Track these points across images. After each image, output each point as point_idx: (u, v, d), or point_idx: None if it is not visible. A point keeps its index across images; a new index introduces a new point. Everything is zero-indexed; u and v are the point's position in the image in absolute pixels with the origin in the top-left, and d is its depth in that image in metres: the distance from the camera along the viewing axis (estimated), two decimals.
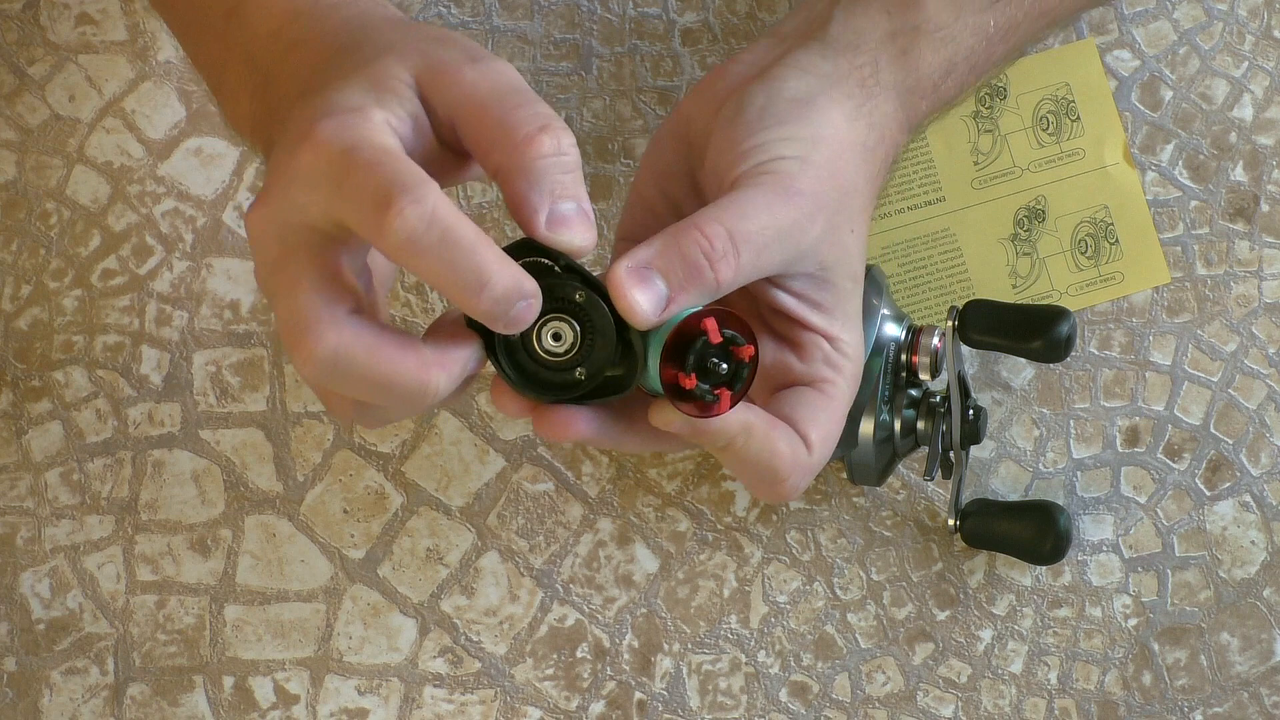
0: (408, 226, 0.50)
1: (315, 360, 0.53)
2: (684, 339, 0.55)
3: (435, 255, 0.51)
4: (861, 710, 0.88)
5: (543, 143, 0.54)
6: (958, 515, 0.87)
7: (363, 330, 0.53)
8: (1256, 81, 0.92)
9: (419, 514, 0.89)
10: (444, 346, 0.55)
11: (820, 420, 0.62)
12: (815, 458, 0.62)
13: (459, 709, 0.89)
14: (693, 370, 0.55)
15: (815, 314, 0.63)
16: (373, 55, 0.57)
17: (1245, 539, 0.89)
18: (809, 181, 0.61)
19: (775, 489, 0.61)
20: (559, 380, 0.56)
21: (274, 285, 0.55)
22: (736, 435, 0.58)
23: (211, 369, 0.90)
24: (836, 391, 0.63)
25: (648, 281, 0.55)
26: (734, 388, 0.56)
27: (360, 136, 0.52)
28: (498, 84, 0.55)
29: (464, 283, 0.51)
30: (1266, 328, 0.91)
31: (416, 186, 0.51)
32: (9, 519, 0.89)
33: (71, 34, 0.92)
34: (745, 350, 0.55)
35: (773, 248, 0.59)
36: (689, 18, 0.92)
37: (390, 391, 0.54)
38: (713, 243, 0.57)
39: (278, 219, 0.54)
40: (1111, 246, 0.91)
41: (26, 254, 0.91)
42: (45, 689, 0.89)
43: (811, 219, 0.60)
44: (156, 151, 0.91)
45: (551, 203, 0.54)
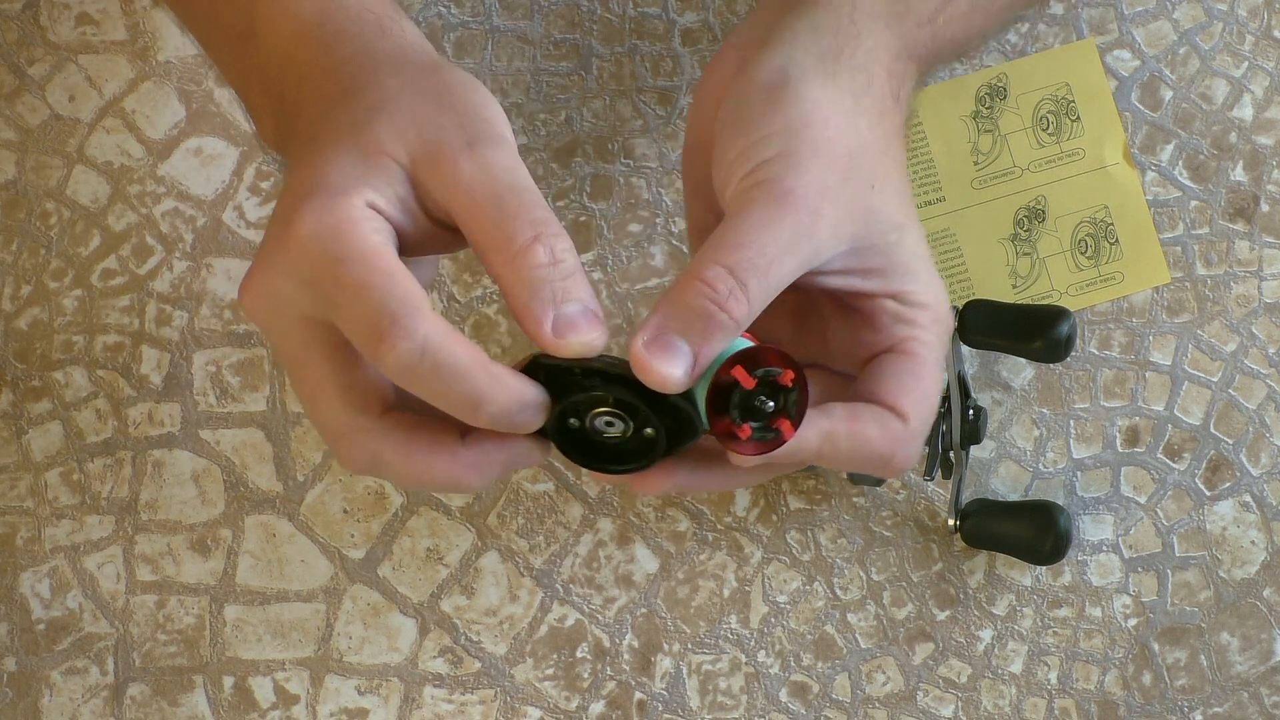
0: (400, 363, 0.51)
1: (354, 465, 0.56)
2: (720, 393, 0.54)
3: (430, 383, 0.52)
4: (861, 710, 0.88)
5: (537, 254, 0.54)
6: (958, 515, 0.87)
7: (395, 437, 0.54)
8: (1256, 81, 0.92)
9: (419, 514, 0.89)
10: (484, 448, 0.55)
11: (908, 384, 0.59)
12: (914, 424, 0.59)
13: (459, 709, 0.88)
14: (742, 420, 0.54)
15: (867, 281, 0.60)
16: (367, 115, 0.56)
17: (1245, 539, 0.89)
18: (797, 177, 0.59)
19: (887, 469, 0.59)
20: (636, 448, 0.56)
21: (298, 386, 0.56)
22: (821, 447, 0.57)
23: (211, 369, 0.90)
24: (918, 346, 0.60)
25: (668, 348, 0.55)
26: (791, 416, 0.55)
27: (346, 243, 0.52)
28: (494, 182, 0.55)
29: (461, 404, 0.52)
30: (1266, 328, 0.91)
31: (407, 317, 0.51)
32: (9, 519, 0.89)
33: (71, 34, 0.92)
34: (785, 378, 0.54)
35: (780, 262, 0.57)
36: (689, 18, 0.92)
37: (425, 488, 0.56)
38: (715, 286, 0.56)
39: (276, 310, 0.54)
40: (1111, 246, 0.91)
41: (26, 254, 0.91)
42: (45, 689, 0.89)
43: (814, 216, 0.58)
44: (156, 151, 0.91)
45: (554, 309, 0.54)
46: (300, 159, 0.57)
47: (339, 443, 0.55)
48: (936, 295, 0.61)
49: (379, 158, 0.55)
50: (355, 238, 0.53)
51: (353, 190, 0.54)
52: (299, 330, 0.54)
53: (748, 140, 0.60)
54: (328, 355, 0.54)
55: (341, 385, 0.55)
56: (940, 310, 0.61)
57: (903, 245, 0.60)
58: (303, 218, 0.53)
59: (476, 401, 0.52)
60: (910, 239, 0.61)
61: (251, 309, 0.56)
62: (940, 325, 0.61)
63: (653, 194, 0.91)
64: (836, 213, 0.58)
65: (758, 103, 0.61)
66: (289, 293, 0.54)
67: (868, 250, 0.59)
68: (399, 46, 0.61)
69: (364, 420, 0.54)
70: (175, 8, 0.75)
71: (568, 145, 0.91)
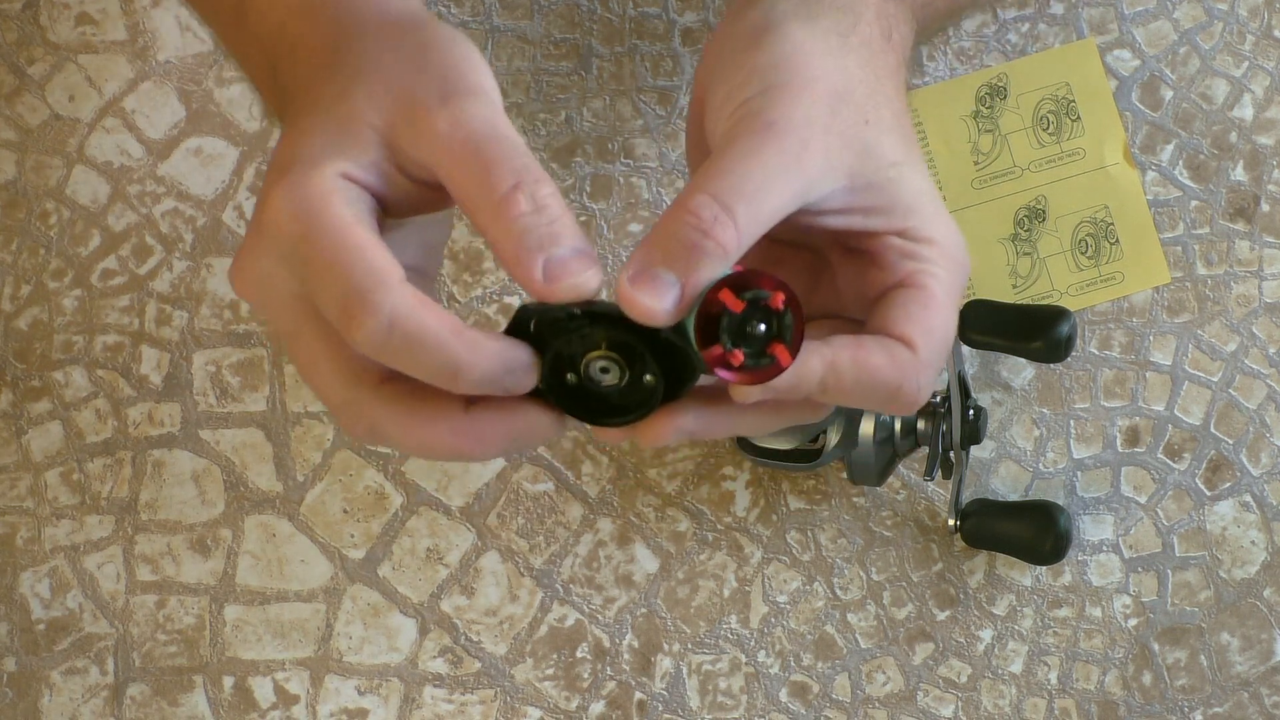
0: (370, 340, 0.50)
1: (356, 433, 0.54)
2: (709, 320, 0.52)
3: (403, 357, 0.51)
4: (861, 710, 0.88)
5: (518, 202, 0.52)
6: (958, 515, 0.87)
7: (392, 407, 0.53)
8: (1257, 81, 0.92)
9: (419, 514, 0.89)
10: (488, 418, 0.54)
11: (916, 315, 0.56)
12: (923, 354, 0.56)
13: (459, 709, 0.88)
14: (733, 345, 0.52)
15: (869, 219, 0.57)
16: (346, 84, 0.55)
17: (1245, 539, 0.89)
18: (781, 109, 0.56)
19: (896, 402, 0.56)
20: (637, 397, 0.54)
21: (294, 360, 0.55)
22: (825, 377, 0.54)
23: (211, 369, 0.90)
24: (926, 279, 0.57)
25: (654, 280, 0.53)
26: (786, 340, 0.52)
27: (315, 218, 0.52)
28: (471, 134, 0.53)
29: (439, 375, 0.51)
30: (1267, 328, 0.90)
31: (372, 292, 0.50)
32: (9, 519, 0.89)
33: (71, 34, 0.92)
34: (775, 299, 0.52)
35: (769, 190, 0.55)
36: (689, 18, 0.92)
37: (427, 457, 0.54)
38: (699, 214, 0.54)
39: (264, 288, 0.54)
40: (1112, 246, 0.91)
41: (26, 254, 0.91)
42: (45, 689, 0.89)
43: (801, 146, 0.56)
44: (156, 151, 0.91)
45: (542, 254, 0.52)
46: (285, 133, 0.56)
47: (338, 414, 0.54)
48: (945, 231, 0.58)
49: (354, 124, 0.54)
50: (324, 214, 0.52)
51: (325, 162, 0.53)
52: (289, 307, 0.54)
53: (731, 83, 0.58)
54: (319, 330, 0.53)
55: (335, 359, 0.53)
56: (950, 247, 0.58)
57: (904, 181, 0.58)
58: (274, 195, 0.52)
59: (454, 370, 0.51)
60: (913, 176, 0.58)
61: (242, 290, 0.55)
62: (951, 262, 0.58)
63: (653, 194, 0.91)
64: (828, 144, 0.56)
65: (740, 46, 0.59)
66: (273, 272, 0.53)
67: (867, 188, 0.57)
68: (381, 8, 0.59)
69: (360, 392, 0.53)
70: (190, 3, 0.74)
71: (568, 145, 0.91)
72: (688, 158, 0.66)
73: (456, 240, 0.91)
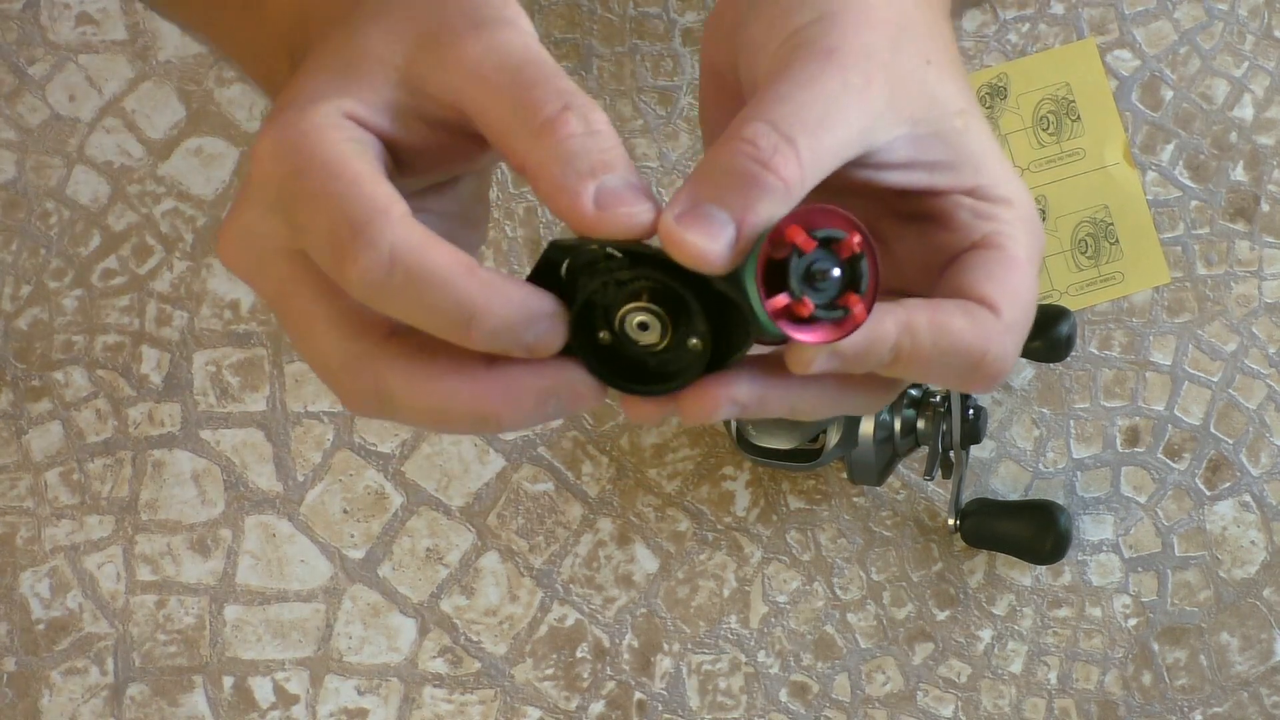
0: (366, 277, 0.44)
1: (358, 404, 0.47)
2: (772, 266, 0.45)
3: (405, 300, 0.44)
4: (861, 710, 0.88)
5: (569, 122, 0.46)
6: (958, 515, 0.87)
7: (402, 360, 0.46)
8: (1257, 81, 0.92)
9: (419, 514, 0.89)
10: (516, 370, 0.46)
11: (998, 275, 0.50)
12: (1007, 317, 0.49)
13: (459, 709, 0.88)
14: (802, 292, 0.45)
15: (935, 176, 0.51)
16: (360, 26, 0.49)
17: (1245, 539, 0.89)
18: (840, 36, 0.49)
19: (979, 373, 0.49)
20: (678, 363, 0.47)
21: (288, 325, 0.48)
22: (900, 339, 0.47)
23: (211, 369, 0.90)
24: (1005, 240, 0.50)
25: (705, 218, 0.45)
26: (860, 289, 0.45)
27: (305, 152, 0.45)
28: (506, 58, 0.47)
29: (448, 323, 0.44)
30: (1267, 328, 0.90)
31: (369, 223, 0.44)
32: (9, 519, 0.89)
33: (72, 34, 0.92)
34: (851, 241, 0.45)
35: (834, 122, 0.48)
36: (689, 18, 0.92)
37: (443, 424, 0.47)
38: (757, 143, 0.46)
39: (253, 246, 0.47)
40: (1111, 246, 0.91)
41: (26, 254, 0.91)
42: (45, 689, 0.89)
43: (864, 77, 0.49)
44: (156, 151, 0.91)
45: (594, 181, 0.45)
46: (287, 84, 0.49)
47: (338, 377, 0.46)
48: (1019, 191, 0.52)
49: (365, 63, 0.48)
50: (317, 146, 0.45)
51: (323, 100, 0.46)
52: (279, 264, 0.47)
53: (771, 15, 0.51)
54: (314, 284, 0.46)
55: (334, 311, 0.46)
56: (1025, 209, 0.51)
57: (970, 133, 0.51)
58: (263, 137, 0.46)
59: (467, 315, 0.44)
60: (978, 129, 0.52)
61: (227, 255, 0.47)
62: (1028, 225, 0.51)
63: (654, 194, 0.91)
64: (890, 83, 0.49)
65: None
66: (260, 225, 0.46)
67: (931, 139, 0.51)
68: None
69: (363, 345, 0.46)
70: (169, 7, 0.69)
71: None
72: (704, 130, 0.58)
73: None
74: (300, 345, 0.47)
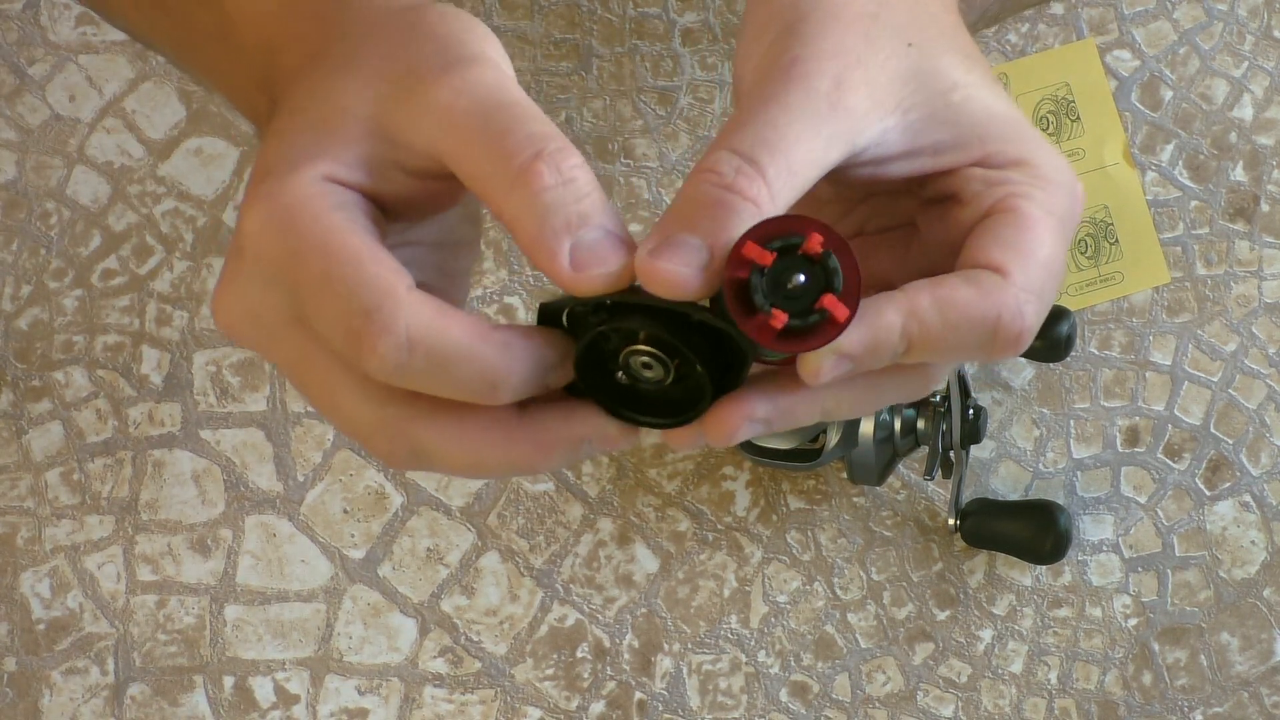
0: (387, 364, 0.44)
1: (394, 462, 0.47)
2: (739, 286, 0.44)
3: (430, 380, 0.44)
4: (861, 710, 0.88)
5: (540, 174, 0.45)
6: (958, 515, 0.87)
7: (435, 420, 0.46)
8: (1256, 81, 0.92)
9: (419, 514, 0.89)
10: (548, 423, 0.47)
11: (1005, 238, 0.48)
12: (1019, 278, 0.47)
13: (459, 709, 0.88)
14: (772, 305, 0.44)
15: (939, 158, 0.49)
16: (328, 79, 0.48)
17: (1245, 539, 0.89)
18: (804, 44, 0.49)
19: (998, 339, 0.47)
20: (689, 391, 0.47)
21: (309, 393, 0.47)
22: (907, 327, 0.46)
23: (212, 369, 0.90)
24: (1016, 202, 0.48)
25: (676, 247, 0.45)
26: (836, 289, 0.44)
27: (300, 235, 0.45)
28: (477, 102, 0.46)
29: (475, 391, 0.44)
30: (1266, 328, 0.91)
31: (379, 309, 0.43)
32: (9, 519, 0.89)
33: (72, 34, 0.92)
34: (811, 243, 0.44)
35: (799, 137, 0.47)
36: (689, 18, 0.92)
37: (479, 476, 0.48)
38: (718, 169, 0.46)
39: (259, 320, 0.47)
40: (1111, 246, 0.91)
41: (27, 254, 0.91)
42: (45, 689, 0.89)
43: (833, 81, 0.48)
44: (157, 151, 0.91)
45: (569, 237, 0.45)
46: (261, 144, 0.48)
47: (372, 440, 0.47)
48: (1036, 150, 0.49)
49: (336, 120, 0.47)
50: (309, 224, 0.45)
51: (303, 165, 0.46)
52: (289, 335, 0.46)
53: (749, 34, 0.51)
54: (330, 354, 0.46)
55: (356, 378, 0.46)
56: (1045, 167, 0.49)
57: (970, 105, 0.50)
58: (250, 212, 0.45)
59: (491, 381, 0.44)
60: (981, 95, 0.50)
61: (230, 328, 0.47)
62: (1047, 183, 0.49)
63: (653, 194, 0.91)
64: (867, 77, 0.48)
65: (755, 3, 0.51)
66: (263, 300, 0.46)
67: (926, 121, 0.49)
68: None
69: (394, 410, 0.46)
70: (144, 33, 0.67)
71: None
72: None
73: None
74: (326, 413, 0.47)
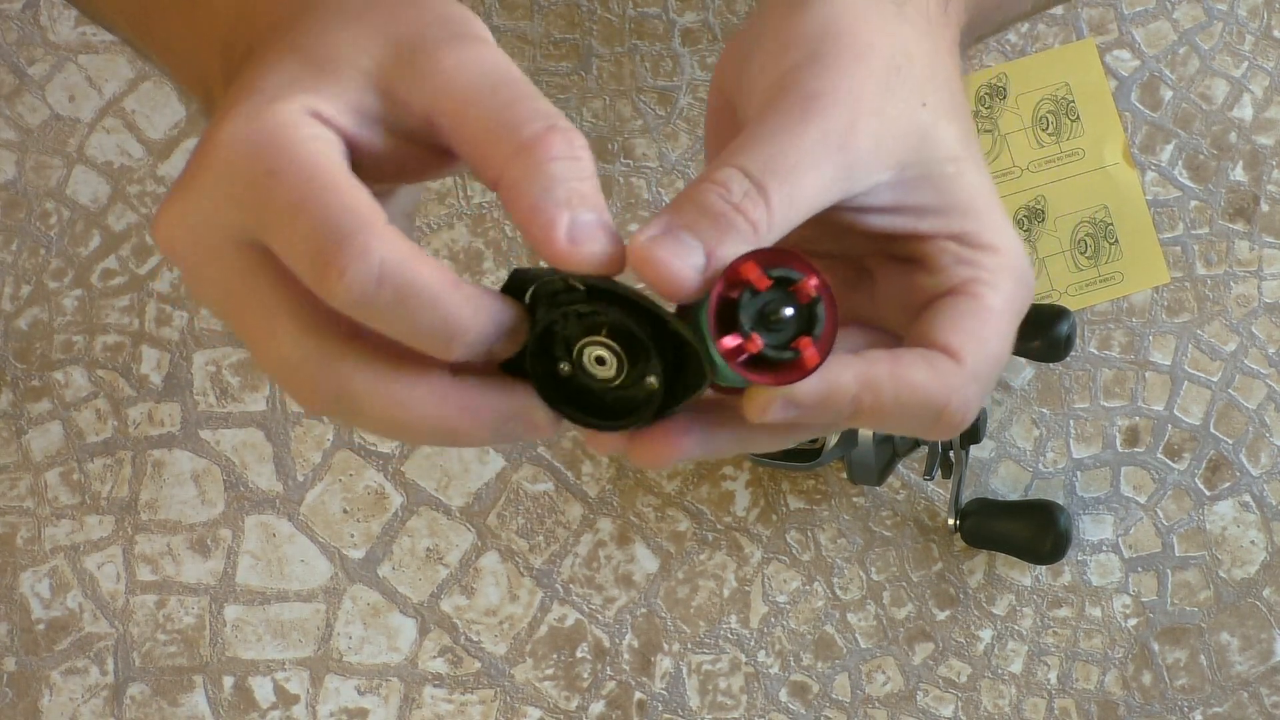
0: (354, 289, 0.42)
1: (316, 407, 0.45)
2: (726, 305, 0.45)
3: (392, 314, 0.43)
4: (861, 710, 0.88)
5: (553, 144, 0.45)
6: (958, 515, 0.87)
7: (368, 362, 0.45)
8: (1256, 81, 0.92)
9: (419, 514, 0.89)
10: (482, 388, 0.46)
11: (965, 325, 0.49)
12: (970, 366, 0.49)
13: (459, 709, 0.88)
14: (752, 329, 0.44)
15: (921, 221, 0.50)
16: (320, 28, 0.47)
17: (1245, 539, 0.89)
18: (826, 81, 0.49)
19: (940, 424, 0.49)
20: (632, 401, 0.47)
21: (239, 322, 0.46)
22: (860, 394, 0.47)
23: (211, 369, 0.90)
24: (982, 289, 0.50)
25: (678, 241, 0.45)
26: (814, 334, 0.45)
27: (279, 152, 0.44)
28: (485, 73, 0.46)
29: (433, 337, 0.44)
30: (1266, 328, 0.91)
31: (357, 233, 0.43)
32: (9, 519, 0.89)
33: (71, 34, 0.92)
34: (806, 285, 0.44)
35: (808, 170, 0.48)
36: (689, 18, 0.92)
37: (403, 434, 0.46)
38: (728, 186, 0.47)
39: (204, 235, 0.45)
40: (1111, 246, 0.91)
41: (26, 254, 0.91)
42: (45, 689, 0.89)
43: (847, 122, 0.48)
44: (157, 151, 0.91)
45: (570, 213, 0.45)
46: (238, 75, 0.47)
47: (296, 374, 0.45)
48: (1008, 240, 0.51)
49: (334, 64, 0.46)
50: (291, 146, 0.44)
51: (294, 94, 0.45)
52: (233, 257, 0.45)
53: (768, 52, 0.51)
54: (274, 278, 0.44)
55: (296, 306, 0.44)
56: (1013, 257, 0.50)
57: (963, 179, 0.51)
58: (226, 124, 0.44)
59: (450, 331, 0.44)
60: (972, 173, 0.51)
61: (169, 241, 0.45)
62: (1013, 274, 0.50)
63: (653, 194, 0.91)
64: (879, 128, 0.49)
65: (782, 12, 0.52)
66: (215, 215, 0.44)
67: (919, 182, 0.50)
68: None
69: (328, 345, 0.44)
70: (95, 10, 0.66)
71: None
72: (707, 149, 0.58)
73: (457, 240, 0.91)
74: (254, 340, 0.46)
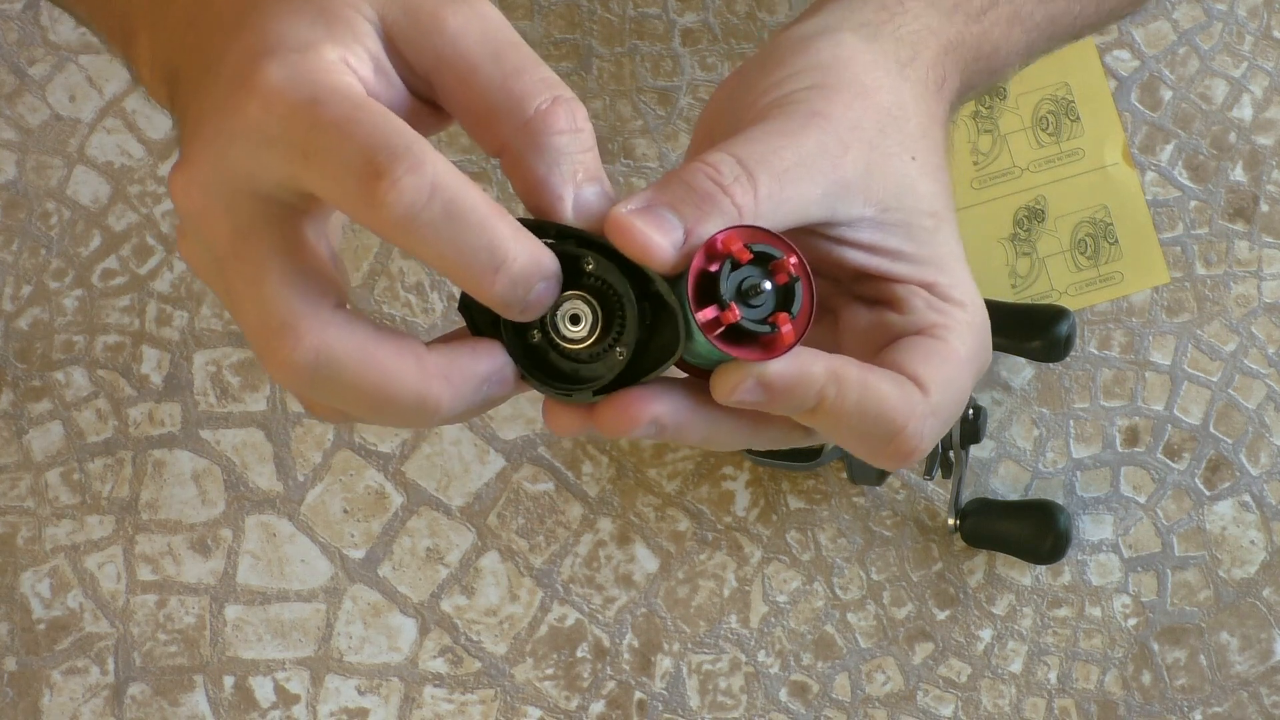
0: (405, 200, 0.42)
1: (293, 367, 0.44)
2: (706, 278, 0.45)
3: (440, 233, 0.42)
4: (861, 710, 0.88)
5: (558, 118, 0.46)
6: (958, 515, 0.87)
7: (351, 330, 0.44)
8: (1256, 81, 0.92)
9: (419, 514, 0.89)
10: (457, 356, 0.46)
11: (934, 362, 0.50)
12: (934, 399, 0.49)
13: (459, 709, 0.89)
14: (730, 299, 0.45)
15: (897, 264, 0.51)
16: None
17: (1245, 539, 0.89)
18: (832, 105, 0.50)
19: (895, 444, 0.49)
20: (598, 370, 0.47)
21: (230, 276, 0.45)
22: (826, 386, 0.47)
23: (212, 369, 0.90)
24: (950, 335, 0.51)
25: (656, 216, 0.46)
26: (791, 310, 0.45)
27: (322, 84, 0.43)
28: (488, 36, 0.46)
29: (477, 263, 0.43)
30: (1266, 328, 0.91)
31: (410, 148, 0.42)
32: (9, 519, 0.89)
33: (72, 34, 0.92)
34: (786, 263, 0.45)
35: (798, 174, 0.48)
36: (689, 18, 0.92)
37: (382, 406, 0.45)
38: (719, 169, 0.47)
39: (220, 188, 0.44)
40: (1111, 246, 0.91)
41: (27, 254, 0.91)
42: (45, 689, 0.89)
43: (842, 145, 0.49)
44: (157, 151, 0.92)
45: (575, 187, 0.46)
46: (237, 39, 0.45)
47: (280, 335, 0.44)
48: (974, 301, 0.52)
49: (345, 12, 0.45)
50: (333, 80, 0.43)
51: (318, 46, 0.44)
52: (245, 207, 0.44)
53: (773, 78, 0.52)
54: (278, 235, 0.44)
55: (292, 265, 0.44)
56: (977, 316, 0.52)
57: (938, 237, 0.52)
58: (268, 70, 0.43)
59: (496, 260, 0.43)
60: (948, 234, 0.53)
61: (187, 187, 0.44)
62: (976, 332, 0.52)
63: None
64: (870, 161, 0.50)
65: (789, 50, 0.53)
66: (244, 163, 0.43)
67: (899, 229, 0.51)
68: None
69: (315, 308, 0.44)
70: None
71: None
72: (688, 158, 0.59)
73: None
74: (241, 296, 0.45)
